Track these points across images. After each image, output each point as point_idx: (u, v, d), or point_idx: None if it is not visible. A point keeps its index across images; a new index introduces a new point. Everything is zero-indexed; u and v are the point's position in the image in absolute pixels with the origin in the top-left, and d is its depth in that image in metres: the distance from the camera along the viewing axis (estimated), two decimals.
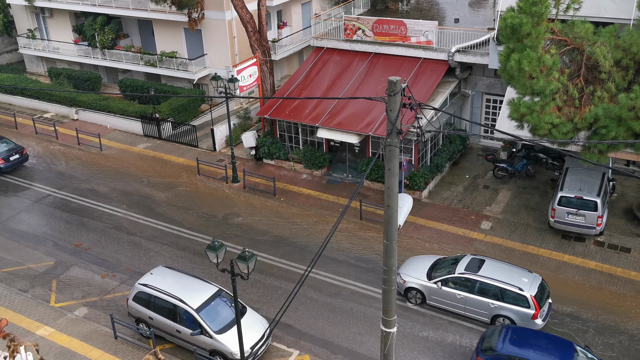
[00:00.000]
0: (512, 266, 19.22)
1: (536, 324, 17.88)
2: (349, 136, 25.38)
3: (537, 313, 17.75)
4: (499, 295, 18.17)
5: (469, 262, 19.14)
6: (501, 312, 18.16)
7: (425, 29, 27.13)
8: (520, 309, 17.90)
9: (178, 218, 24.81)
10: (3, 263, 22.15)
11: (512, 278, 18.37)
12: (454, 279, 18.77)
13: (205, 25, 33.51)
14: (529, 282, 18.25)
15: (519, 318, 17.94)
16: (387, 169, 11.91)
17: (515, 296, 17.95)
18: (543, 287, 18.43)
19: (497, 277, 18.36)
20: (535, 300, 17.79)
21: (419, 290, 19.37)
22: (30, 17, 40.15)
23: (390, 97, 11.36)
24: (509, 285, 18.06)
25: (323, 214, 24.72)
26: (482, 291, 18.39)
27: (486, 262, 19.08)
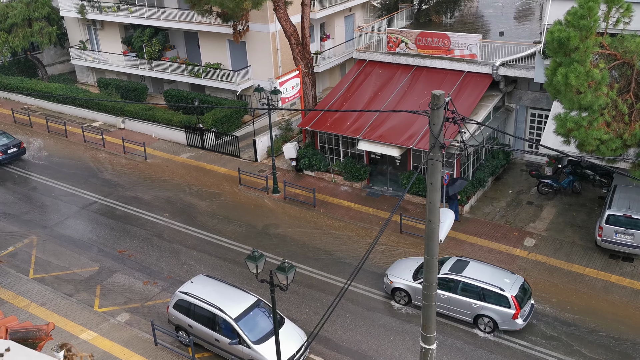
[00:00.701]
0: (496, 268, 19.59)
1: (517, 323, 18.30)
2: (390, 149, 25.27)
3: (517, 313, 18.19)
4: (481, 295, 18.62)
5: (454, 264, 19.60)
6: (483, 312, 18.61)
7: (469, 42, 26.89)
8: (501, 308, 18.32)
9: (219, 227, 25.11)
10: (51, 267, 22.80)
11: (495, 279, 18.79)
12: (438, 279, 18.56)
13: (250, 37, 33.99)
14: (511, 283, 18.64)
15: (500, 318, 18.37)
16: (429, 183, 11.81)
17: (497, 296, 18.38)
18: (524, 288, 18.82)
19: (479, 278, 18.82)
20: (516, 300, 18.19)
21: (405, 290, 19.90)
22: (82, 29, 41.50)
23: (434, 110, 11.29)
24: (491, 286, 18.51)
25: (363, 227, 24.62)
26: (464, 291, 18.86)
27: (470, 264, 19.54)
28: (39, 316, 19.66)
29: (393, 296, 20.26)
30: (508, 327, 18.49)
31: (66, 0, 40.12)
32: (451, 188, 23.43)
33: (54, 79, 42.68)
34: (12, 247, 24.15)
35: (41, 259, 23.34)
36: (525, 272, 21.16)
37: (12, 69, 42.84)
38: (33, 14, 38.95)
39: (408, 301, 20.07)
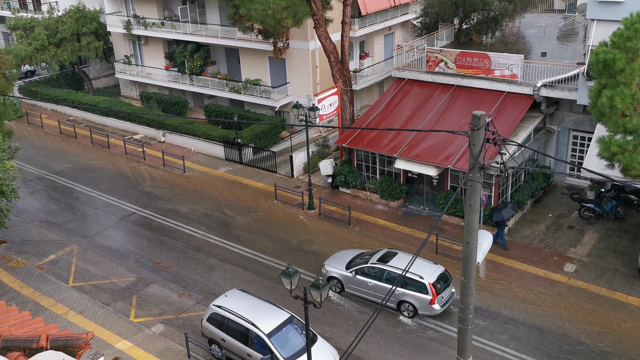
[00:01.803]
0: (421, 259, 20.90)
1: (434, 309, 19.78)
2: (427, 168, 25.09)
3: (434, 299, 19.68)
4: (402, 282, 20.10)
5: (383, 255, 21.25)
6: (405, 298, 20.13)
7: (510, 63, 26.62)
8: (420, 295, 19.82)
9: (254, 242, 25.25)
10: (89, 276, 23.25)
11: (416, 268, 20.06)
12: (366, 268, 20.88)
13: (289, 54, 34.36)
14: (431, 272, 20.10)
15: (419, 303, 19.89)
16: (467, 204, 11.67)
17: (416, 284, 19.88)
18: (444, 277, 20.32)
19: (402, 267, 20.07)
20: (433, 287, 19.66)
21: (339, 279, 21.44)
22: (127, 44, 42.63)
23: (474, 131, 11.18)
24: (411, 274, 19.96)
25: (398, 246, 24.41)
26: (389, 279, 20.37)
27: (398, 255, 21.15)
28: (77, 324, 20.02)
29: (328, 281, 21.49)
30: (426, 312, 20.01)
31: (113, 17, 41.33)
32: (499, 214, 22.97)
33: (99, 92, 43.89)
34: (54, 254, 24.74)
35: (81, 267, 23.83)
36: (564, 298, 20.65)
37: (60, 82, 44.23)
38: (82, 29, 40.22)
39: (341, 289, 21.54)
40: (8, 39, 48.90)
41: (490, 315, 20.21)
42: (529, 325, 19.66)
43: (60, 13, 41.47)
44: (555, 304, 20.55)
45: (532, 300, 20.83)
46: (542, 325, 19.64)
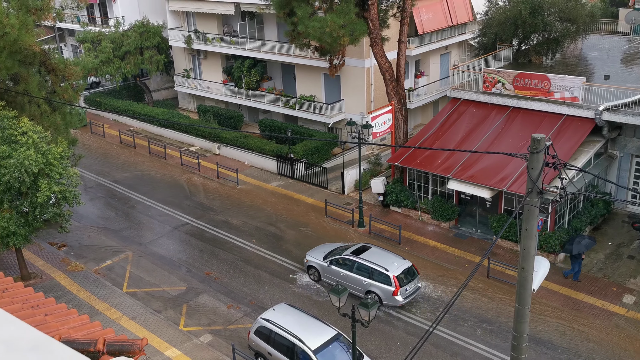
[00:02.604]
0: (391, 254, 22.61)
1: (397, 300, 21.18)
2: (481, 190, 24.68)
3: (396, 290, 21.16)
4: (370, 274, 21.76)
5: (357, 249, 22.92)
6: (371, 289, 21.69)
7: (570, 85, 26.00)
8: (384, 286, 21.36)
9: (303, 257, 25.33)
10: (143, 283, 23.84)
11: (384, 262, 21.78)
12: (340, 259, 22.67)
13: (344, 72, 34.59)
14: (397, 266, 21.58)
15: (383, 294, 21.37)
16: (524, 229, 11.41)
17: (382, 275, 21.42)
18: (410, 271, 21.71)
19: (372, 260, 21.89)
20: (397, 280, 21.10)
21: (316, 268, 23.27)
22: (187, 58, 43.87)
23: (533, 154, 10.96)
24: (378, 267, 21.60)
25: (448, 268, 24.06)
26: (359, 270, 22.07)
27: (371, 249, 22.80)
28: (129, 329, 20.52)
29: (308, 272, 23.70)
30: (390, 303, 21.41)
31: (175, 31, 42.65)
32: (579, 246, 22.21)
33: (158, 104, 45.25)
34: (110, 260, 25.50)
35: (135, 274, 24.47)
36: (622, 331, 19.84)
37: (122, 93, 45.86)
38: (145, 43, 41.68)
39: (319, 277, 23.33)
40: (76, 51, 51.16)
41: (544, 344, 19.60)
42: (583, 358, 18.94)
43: (125, 27, 43.12)
44: (612, 336, 19.76)
45: (589, 331, 20.10)
46: (599, 357, 18.90)
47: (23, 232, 20.82)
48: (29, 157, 19.35)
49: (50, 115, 23.53)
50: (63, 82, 24.53)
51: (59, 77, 24.14)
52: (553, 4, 31.93)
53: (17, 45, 20.24)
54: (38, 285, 22.64)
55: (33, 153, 19.47)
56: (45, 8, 21.62)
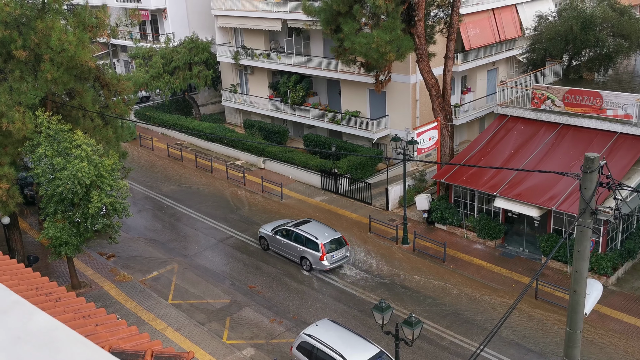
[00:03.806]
0: (326, 227, 26.25)
1: (323, 264, 24.79)
2: (529, 208, 24.16)
3: (323, 256, 24.68)
4: (304, 242, 25.25)
5: (299, 222, 26.64)
6: (304, 254, 25.34)
7: (624, 102, 25.28)
8: (314, 252, 24.90)
9: (346, 272, 25.25)
10: (187, 295, 24.17)
11: (317, 232, 25.30)
12: (283, 230, 26.23)
13: (390, 87, 34.53)
14: (327, 236, 25.05)
15: (313, 259, 24.99)
16: (576, 250, 11.12)
17: (312, 243, 24.95)
18: (338, 241, 25.18)
19: (307, 231, 25.44)
20: (324, 246, 24.63)
21: (265, 238, 26.99)
22: (234, 74, 44.64)
23: (586, 174, 10.69)
24: (310, 236, 25.13)
25: (494, 288, 23.57)
26: (295, 239, 25.60)
27: (310, 222, 26.45)
28: (174, 340, 20.81)
29: (260, 242, 27.43)
30: (318, 267, 24.98)
31: (223, 47, 43.51)
32: None
33: (205, 118, 46.12)
34: (156, 271, 25.98)
35: (180, 285, 24.84)
36: None
37: (171, 107, 46.95)
38: (194, 58, 42.63)
39: (267, 246, 27.00)
40: (128, 66, 52.73)
41: None
42: None
43: (175, 43, 44.24)
44: None
45: None
46: None
47: (75, 241, 21.45)
48: (82, 169, 19.96)
49: (102, 128, 24.26)
50: (115, 96, 25.29)
51: (112, 91, 24.90)
52: (605, 19, 31.19)
53: (74, 61, 20.99)
54: (88, 295, 23.23)
55: (86, 165, 20.08)
56: (100, 25, 22.38)
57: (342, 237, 25.48)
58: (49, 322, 2.89)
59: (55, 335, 2.80)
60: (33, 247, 27.57)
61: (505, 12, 37.85)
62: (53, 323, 2.88)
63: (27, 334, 2.80)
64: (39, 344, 2.72)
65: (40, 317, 2.94)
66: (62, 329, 2.82)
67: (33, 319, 2.93)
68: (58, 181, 20.28)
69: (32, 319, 2.93)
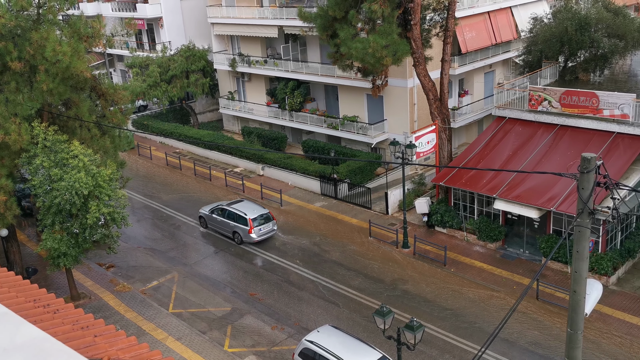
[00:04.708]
0: (256, 205, 29.50)
1: (252, 237, 27.84)
2: (528, 210, 24.12)
3: (250, 229, 27.79)
4: (235, 218, 28.35)
5: (233, 201, 29.85)
6: (235, 229, 28.44)
7: (620, 102, 25.28)
8: (243, 227, 28.02)
9: (347, 278, 25.19)
10: (188, 304, 24.09)
11: (246, 209, 28.43)
12: (218, 209, 29.43)
13: (387, 92, 34.56)
14: (255, 212, 28.26)
15: (242, 233, 28.12)
16: (575, 251, 11.06)
17: (241, 219, 28.09)
18: (265, 217, 28.34)
19: (238, 208, 28.53)
20: (252, 221, 27.78)
21: (204, 217, 30.07)
22: (232, 81, 44.69)
23: (583, 174, 10.65)
24: (240, 212, 28.28)
25: (495, 290, 23.50)
26: (228, 216, 28.69)
27: (243, 202, 29.70)
28: (175, 350, 20.72)
29: (200, 222, 30.45)
30: (247, 240, 28.11)
31: (220, 55, 43.57)
32: None
33: (203, 126, 46.13)
34: (156, 281, 25.91)
35: (180, 294, 24.76)
36: None
37: (169, 116, 46.97)
38: (191, 66, 42.67)
39: (206, 225, 30.09)
40: (125, 76, 52.79)
41: None
42: None
43: (172, 52, 44.29)
44: None
45: None
46: None
47: (73, 252, 21.39)
48: (79, 180, 19.93)
49: (99, 138, 24.24)
50: (112, 106, 25.29)
51: (109, 101, 24.89)
52: (600, 20, 31.25)
53: (69, 71, 20.98)
54: (87, 306, 23.15)
55: (83, 175, 20.05)
56: (96, 35, 22.40)
57: (269, 213, 28.75)
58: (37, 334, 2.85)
59: (43, 347, 2.76)
60: (31, 259, 27.50)
61: (501, 15, 37.92)
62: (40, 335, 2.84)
63: (15, 346, 2.76)
64: (25, 355, 2.68)
65: (27, 329, 2.90)
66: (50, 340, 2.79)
67: (21, 331, 2.90)
68: (55, 192, 20.25)
69: (19, 331, 2.90)
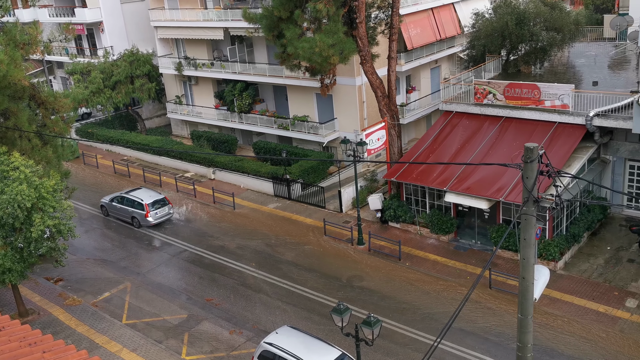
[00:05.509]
0: (153, 191, 31.79)
1: (148, 221, 30.16)
2: (478, 201, 24.64)
3: (147, 214, 30.13)
4: (134, 205, 30.63)
5: (131, 189, 32.09)
6: (133, 214, 30.59)
7: (560, 93, 26.13)
8: (140, 211, 30.32)
9: (303, 278, 25.16)
10: (142, 314, 23.58)
11: (142, 195, 30.88)
12: (117, 197, 31.67)
13: (336, 91, 34.72)
14: (150, 197, 30.71)
15: (140, 217, 30.33)
16: (522, 238, 11.35)
17: (138, 204, 30.46)
18: (161, 201, 30.80)
19: (135, 195, 31.02)
20: (147, 206, 30.18)
21: (105, 206, 32.19)
22: (179, 85, 44.01)
23: (527, 163, 10.94)
24: (137, 198, 30.64)
25: (449, 281, 23.91)
26: (126, 203, 30.94)
27: (140, 189, 32.00)
28: None
29: (101, 210, 32.68)
30: (144, 223, 30.35)
31: (165, 59, 42.86)
32: None
33: (151, 131, 45.28)
34: (108, 292, 25.26)
35: (134, 305, 24.21)
36: (627, 336, 19.69)
37: (114, 123, 45.88)
38: (135, 71, 41.80)
39: (107, 213, 32.18)
40: (66, 83, 51.29)
41: (549, 353, 19.41)
42: None
43: (115, 57, 43.27)
44: (617, 342, 19.60)
45: (593, 337, 19.93)
46: None
47: (19, 268, 20.62)
48: (21, 192, 19.23)
49: (41, 148, 23.47)
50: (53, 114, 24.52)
51: (49, 110, 24.14)
52: (538, 14, 32.23)
53: (6, 80, 20.25)
54: (36, 322, 22.38)
55: (25, 188, 19.35)
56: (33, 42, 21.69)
57: (165, 198, 31.11)
58: None
59: None
60: None
61: (444, 11, 38.63)
62: None
63: None
64: None
65: None
66: None
67: None
68: None
69: None
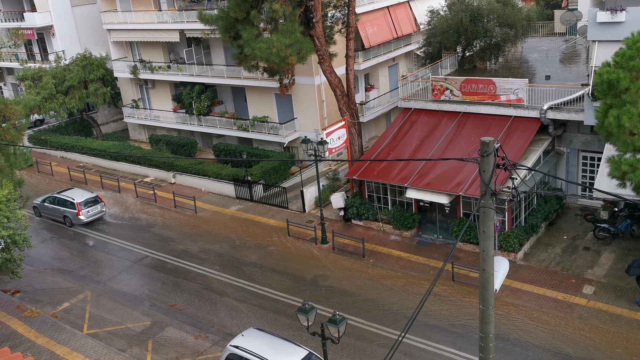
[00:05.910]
0: (85, 191, 32.31)
1: (80, 219, 30.70)
2: (438, 196, 24.99)
3: (78, 212, 30.63)
4: (66, 204, 31.08)
5: (63, 190, 32.41)
6: (65, 214, 31.08)
7: (515, 87, 26.72)
8: (72, 210, 30.85)
9: (268, 279, 25.08)
10: (104, 322, 23.10)
11: (74, 195, 31.35)
12: (49, 198, 32.08)
13: (295, 90, 34.70)
14: (83, 196, 31.24)
15: (72, 216, 30.80)
16: (481, 231, 11.56)
17: (70, 204, 30.94)
18: (93, 200, 31.38)
19: (67, 195, 31.42)
20: (79, 205, 30.65)
21: (38, 207, 32.41)
22: (135, 89, 43.28)
23: (483, 157, 11.15)
24: (68, 197, 31.11)
25: (414, 276, 24.18)
26: (58, 203, 31.39)
27: (73, 189, 32.43)
28: None
29: (34, 211, 32.59)
30: (76, 222, 30.85)
31: (120, 62, 42.08)
32: (635, 269, 20.92)
33: (108, 137, 44.38)
34: (68, 302, 24.66)
35: (95, 314, 23.71)
36: (585, 321, 20.27)
37: (69, 129, 44.79)
38: (89, 76, 40.85)
39: (40, 214, 32.44)
40: (17, 89, 49.83)
41: (511, 342, 19.83)
42: (551, 352, 19.24)
43: (67, 62, 42.23)
44: (576, 328, 20.16)
45: (553, 324, 20.45)
46: (565, 350, 19.23)
47: None
48: None
49: None
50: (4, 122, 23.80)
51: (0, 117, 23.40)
52: (491, 10, 32.88)
53: None
54: None
55: None
56: None
57: (97, 197, 31.71)
58: None
59: None
60: None
61: (400, 9, 39.02)
62: None
63: None
64: None
65: None
66: None
67: None
68: None
69: None
